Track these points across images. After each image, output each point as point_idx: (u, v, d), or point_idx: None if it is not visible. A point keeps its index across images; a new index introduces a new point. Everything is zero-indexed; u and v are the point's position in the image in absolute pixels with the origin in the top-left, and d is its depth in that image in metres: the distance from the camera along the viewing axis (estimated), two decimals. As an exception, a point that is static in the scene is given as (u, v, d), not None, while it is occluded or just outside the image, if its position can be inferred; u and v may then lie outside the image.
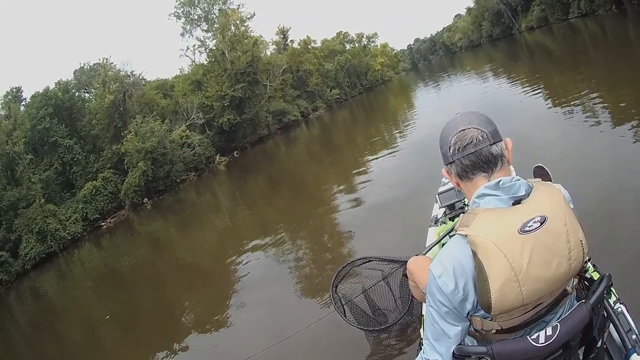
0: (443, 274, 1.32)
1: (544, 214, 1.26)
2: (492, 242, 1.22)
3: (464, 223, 1.32)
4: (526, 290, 1.22)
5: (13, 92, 38.83)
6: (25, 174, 30.35)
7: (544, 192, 1.34)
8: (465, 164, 1.37)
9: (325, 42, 69.05)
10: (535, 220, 1.24)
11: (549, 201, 1.31)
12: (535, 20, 50.04)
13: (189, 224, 16.61)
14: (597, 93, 9.06)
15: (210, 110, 40.72)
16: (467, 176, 1.40)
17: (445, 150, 1.42)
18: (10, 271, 25.90)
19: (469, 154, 1.36)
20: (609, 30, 23.18)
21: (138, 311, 8.76)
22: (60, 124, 34.56)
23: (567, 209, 1.31)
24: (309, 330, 4.14)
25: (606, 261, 1.90)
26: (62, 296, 15.29)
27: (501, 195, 1.32)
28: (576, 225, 1.30)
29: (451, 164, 1.41)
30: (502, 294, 1.22)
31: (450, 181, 1.49)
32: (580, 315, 1.33)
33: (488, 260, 1.22)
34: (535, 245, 1.22)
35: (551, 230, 1.25)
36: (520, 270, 1.21)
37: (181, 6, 44.73)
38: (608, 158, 5.53)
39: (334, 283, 3.47)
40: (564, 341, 1.31)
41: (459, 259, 1.30)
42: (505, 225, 1.25)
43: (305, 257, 7.21)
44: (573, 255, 1.27)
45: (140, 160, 31.57)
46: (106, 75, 36.25)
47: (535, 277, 1.22)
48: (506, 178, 1.35)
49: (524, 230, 1.23)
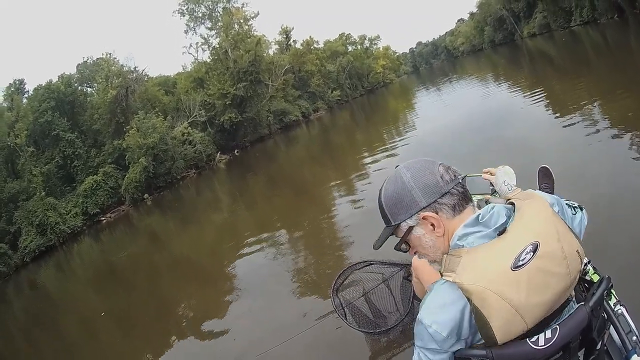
0: (434, 323, 1.24)
1: (535, 239, 1.20)
2: (486, 288, 1.16)
3: (449, 267, 1.24)
4: (529, 318, 1.19)
5: (16, 84, 38.99)
6: (27, 167, 30.48)
7: (528, 210, 1.27)
8: (461, 192, 1.32)
9: (327, 43, 69.22)
10: (527, 252, 1.18)
11: (536, 220, 1.25)
12: (537, 26, 50.19)
13: (189, 221, 16.62)
14: (598, 100, 9.13)
15: (212, 108, 40.84)
16: (463, 206, 1.32)
17: (430, 184, 1.31)
18: (9, 263, 26.00)
19: (459, 182, 1.32)
20: (610, 38, 23.24)
21: (135, 307, 8.71)
22: (62, 118, 34.64)
23: (556, 222, 1.27)
24: (309, 332, 4.13)
25: (606, 263, 1.92)
26: (60, 290, 15.36)
27: (484, 230, 1.26)
28: (569, 237, 1.26)
29: (445, 195, 1.30)
30: (507, 331, 1.19)
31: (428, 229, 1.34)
32: (580, 317, 1.29)
33: (485, 306, 1.16)
34: (531, 275, 1.18)
35: (545, 254, 1.20)
36: (520, 305, 1.17)
37: (185, 3, 44.97)
38: (608, 162, 5.56)
39: (334, 286, 3.50)
40: (563, 343, 1.28)
41: (450, 308, 1.22)
42: (497, 265, 1.18)
43: (304, 257, 7.16)
44: (571, 269, 1.24)
45: (142, 156, 31.72)
46: (109, 70, 36.32)
47: (536, 304, 1.19)
48: (484, 210, 1.30)
49: (517, 266, 1.17)
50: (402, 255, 3.41)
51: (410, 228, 1.37)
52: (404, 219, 1.36)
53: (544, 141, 7.81)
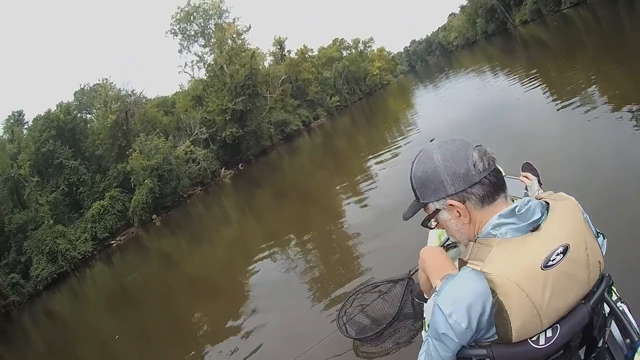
0: (454, 312, 1.19)
1: (566, 242, 1.19)
2: (515, 283, 1.13)
3: (477, 256, 1.22)
4: (546, 320, 1.19)
5: (15, 116, 39.38)
6: (33, 197, 30.75)
7: (563, 212, 1.26)
8: (493, 182, 1.25)
9: (322, 50, 69.45)
10: (558, 252, 1.17)
11: (570, 224, 1.24)
12: (528, 13, 50.37)
13: (199, 238, 16.64)
14: (593, 81, 9.16)
15: (212, 125, 41.04)
16: (494, 197, 1.26)
17: (463, 170, 1.24)
18: (22, 292, 26.13)
19: (493, 170, 1.25)
20: (601, 18, 23.34)
21: (150, 328, 8.74)
22: (64, 146, 34.88)
23: (587, 229, 1.25)
24: (325, 342, 4.05)
25: (607, 259, 1.91)
26: (75, 316, 15.37)
27: (518, 224, 1.21)
28: (595, 246, 1.25)
29: (475, 185, 1.24)
30: (524, 329, 1.18)
31: (455, 215, 1.31)
32: (581, 316, 1.28)
33: (510, 302, 1.14)
34: (557, 278, 1.17)
35: (573, 259, 1.19)
36: (542, 306, 1.16)
37: (177, 23, 45.24)
38: (608, 152, 5.40)
39: (340, 314, 3.56)
40: (564, 342, 1.28)
41: (474, 298, 1.18)
42: (528, 261, 1.16)
43: (316, 268, 7.10)
44: (591, 277, 1.24)
45: (147, 177, 31.89)
46: (107, 95, 36.64)
47: (556, 307, 1.19)
48: (521, 202, 1.24)
49: (547, 266, 1.15)
50: (405, 254, 3.38)
51: (438, 210, 1.35)
52: (431, 201, 1.34)
53: (543, 127, 7.83)
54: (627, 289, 2.30)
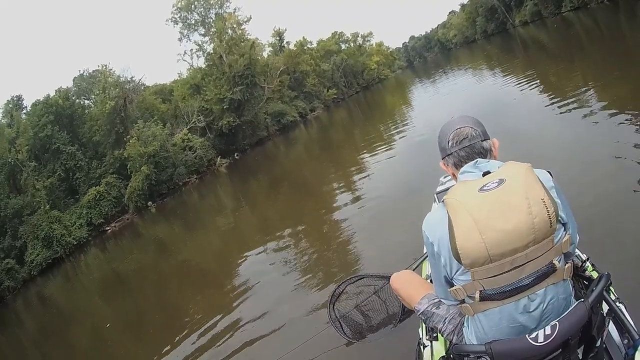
0: (426, 229, 1.60)
1: (503, 177, 1.44)
2: (458, 200, 1.44)
3: (449, 192, 1.55)
4: (487, 239, 1.35)
5: (14, 101, 39.14)
6: (29, 182, 30.61)
7: (510, 165, 1.52)
8: (461, 155, 1.66)
9: (320, 42, 69.10)
10: (493, 182, 1.43)
11: (511, 170, 1.47)
12: (528, 14, 50.26)
13: (193, 226, 16.71)
14: (591, 85, 9.16)
15: (210, 114, 41.02)
16: (463, 164, 1.65)
17: (444, 144, 1.71)
18: (16, 278, 25.99)
19: (464, 147, 1.65)
20: (601, 23, 23.31)
21: (143, 316, 8.68)
22: (62, 131, 34.66)
23: (529, 173, 1.44)
24: (321, 335, 4.03)
25: (605, 260, 2.01)
26: (69, 301, 15.41)
27: (475, 171, 1.56)
28: (537, 186, 1.40)
29: (449, 155, 1.69)
30: (466, 239, 1.38)
31: (447, 171, 1.77)
32: (579, 314, 1.35)
33: (455, 214, 1.43)
34: (493, 200, 1.39)
35: (508, 188, 1.40)
36: (480, 220, 1.37)
37: (178, 11, 45.20)
38: (606, 153, 5.30)
39: (331, 301, 3.72)
40: (563, 340, 1.34)
41: (437, 218, 1.55)
42: (470, 188, 1.46)
43: (311, 259, 6.99)
44: (534, 212, 1.35)
45: (143, 164, 31.92)
46: (106, 82, 36.52)
47: (494, 228, 1.35)
48: (483, 159, 1.62)
49: (482, 190, 1.42)
50: (400, 249, 3.49)
51: None
52: None
53: (538, 130, 7.82)
54: (627, 286, 2.44)
